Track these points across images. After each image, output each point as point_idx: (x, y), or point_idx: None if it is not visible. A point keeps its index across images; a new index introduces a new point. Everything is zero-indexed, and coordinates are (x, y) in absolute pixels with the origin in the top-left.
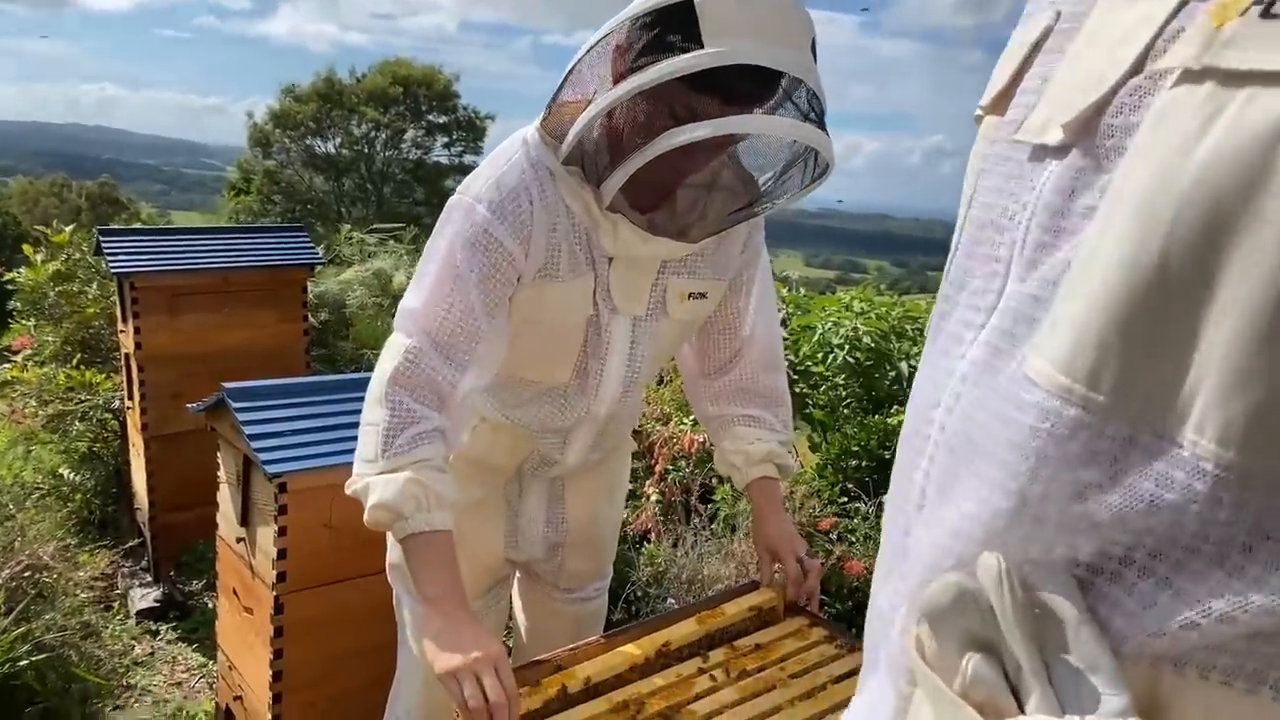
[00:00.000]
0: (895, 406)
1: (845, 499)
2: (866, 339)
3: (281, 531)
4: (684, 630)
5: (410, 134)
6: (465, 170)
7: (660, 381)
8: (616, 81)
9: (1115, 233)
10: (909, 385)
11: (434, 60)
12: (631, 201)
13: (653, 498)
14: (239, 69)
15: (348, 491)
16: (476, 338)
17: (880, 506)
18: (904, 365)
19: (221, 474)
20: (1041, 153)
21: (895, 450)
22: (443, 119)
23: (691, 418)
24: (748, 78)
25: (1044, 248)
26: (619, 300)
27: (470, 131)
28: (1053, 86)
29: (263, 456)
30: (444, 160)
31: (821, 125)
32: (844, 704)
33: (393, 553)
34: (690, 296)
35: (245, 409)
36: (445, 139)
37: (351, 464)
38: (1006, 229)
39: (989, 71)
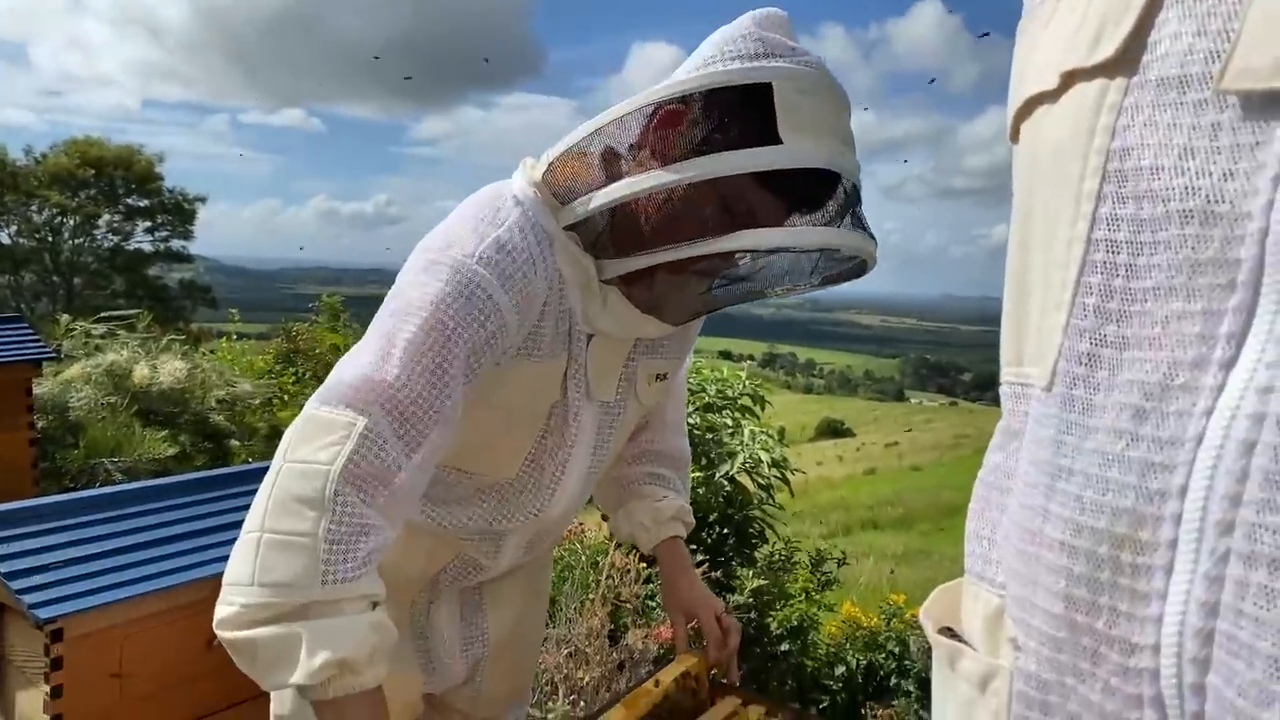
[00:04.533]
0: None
1: (644, 565)
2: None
3: (55, 693)
4: (617, 717)
5: (105, 219)
6: (172, 256)
7: None
8: (656, 154)
9: None
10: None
11: (123, 141)
12: (625, 278)
13: None
14: None
15: (230, 637)
16: (440, 417)
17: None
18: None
19: None
20: (1274, 102)
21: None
22: (144, 202)
23: None
24: (821, 181)
25: None
26: (594, 383)
27: (178, 215)
28: (1267, 10)
29: (28, 599)
30: (147, 246)
31: (872, 235)
32: None
33: (282, 704)
34: (657, 378)
35: None
36: (148, 223)
37: (148, 592)
38: (1223, 219)
39: None
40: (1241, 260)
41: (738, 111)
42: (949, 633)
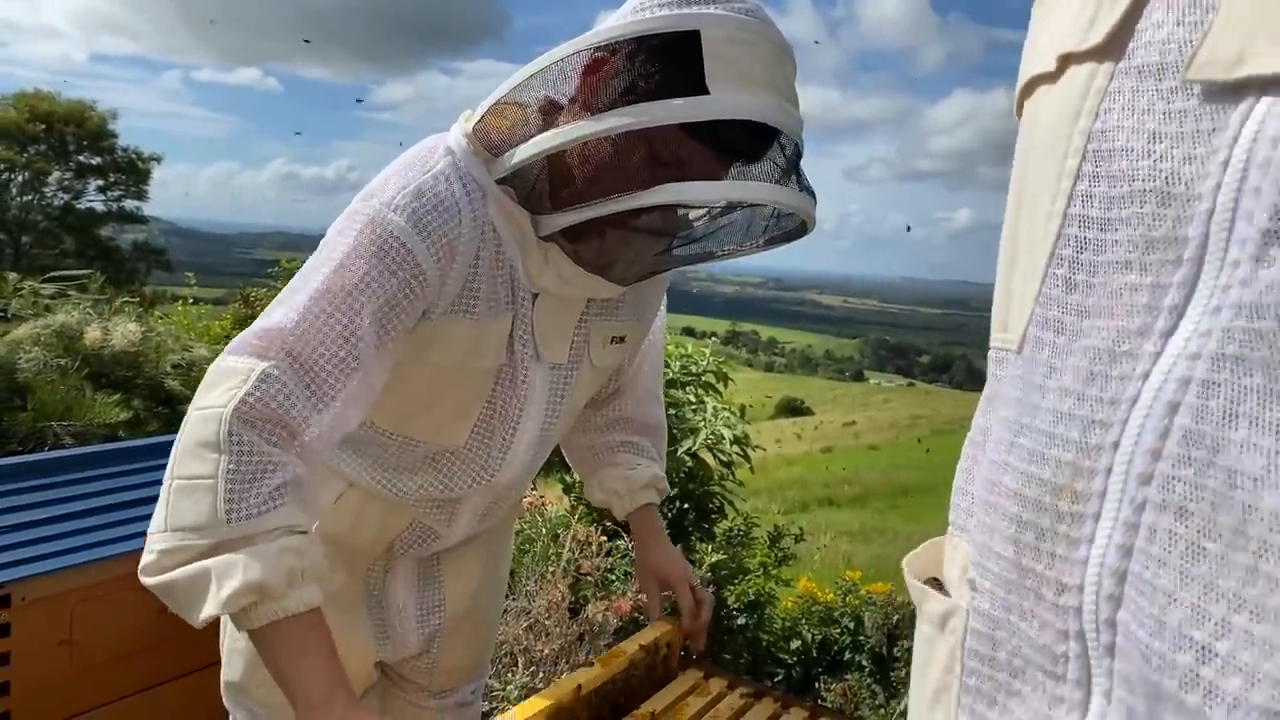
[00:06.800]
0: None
1: (605, 538)
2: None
3: (3, 660)
4: (591, 674)
5: (56, 176)
6: (125, 217)
7: None
8: (584, 105)
9: None
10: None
11: (71, 95)
12: (566, 235)
13: None
14: None
15: (151, 582)
16: (351, 371)
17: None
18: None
19: None
20: (1233, 92)
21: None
22: (96, 160)
23: None
24: (755, 135)
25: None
26: (542, 345)
27: (132, 174)
28: (1236, 4)
29: None
30: (99, 206)
31: (812, 192)
32: None
33: (232, 668)
34: (612, 341)
35: None
36: (100, 182)
37: (99, 558)
38: (1177, 200)
39: None
40: (1189, 238)
41: (666, 60)
42: (934, 583)
